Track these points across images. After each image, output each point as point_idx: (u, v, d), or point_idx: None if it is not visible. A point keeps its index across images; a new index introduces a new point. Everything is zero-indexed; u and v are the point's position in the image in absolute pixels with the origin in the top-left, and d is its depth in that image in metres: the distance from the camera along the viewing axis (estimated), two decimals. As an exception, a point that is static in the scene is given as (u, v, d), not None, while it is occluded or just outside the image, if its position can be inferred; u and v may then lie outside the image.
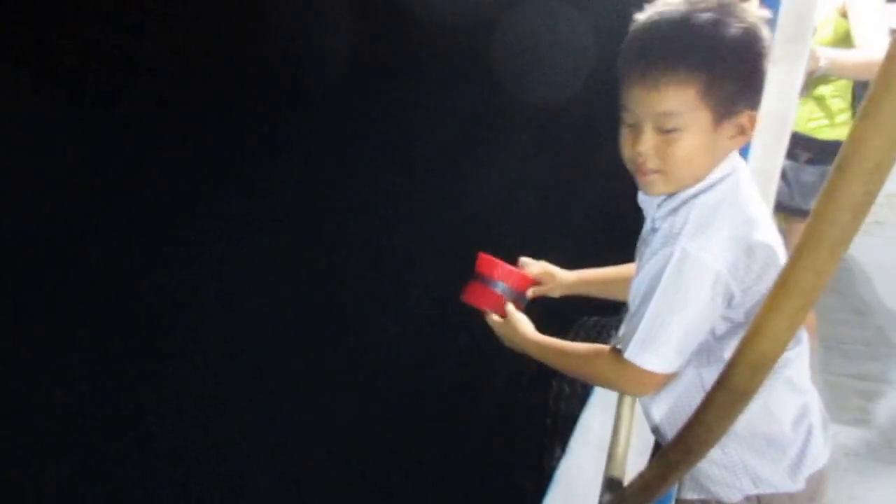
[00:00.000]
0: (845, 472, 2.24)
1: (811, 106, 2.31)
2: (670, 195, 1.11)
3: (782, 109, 1.26)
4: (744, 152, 1.35)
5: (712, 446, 0.80)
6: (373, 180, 4.20)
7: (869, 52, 2.13)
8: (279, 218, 4.15)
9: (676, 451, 0.86)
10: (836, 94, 2.28)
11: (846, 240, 0.54)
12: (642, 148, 1.06)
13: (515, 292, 1.39)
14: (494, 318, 1.36)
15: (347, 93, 4.71)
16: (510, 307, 1.35)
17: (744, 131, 1.06)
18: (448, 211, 3.78)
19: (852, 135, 0.51)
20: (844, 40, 2.19)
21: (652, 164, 1.07)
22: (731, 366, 0.68)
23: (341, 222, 3.98)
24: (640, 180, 1.12)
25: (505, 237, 3.26)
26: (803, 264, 0.56)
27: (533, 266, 1.45)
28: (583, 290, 1.45)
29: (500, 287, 1.38)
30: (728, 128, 1.05)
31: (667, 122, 1.04)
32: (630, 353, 1.09)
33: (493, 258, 1.40)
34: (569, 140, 3.81)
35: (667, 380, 1.13)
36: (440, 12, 4.23)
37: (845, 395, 2.54)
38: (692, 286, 1.03)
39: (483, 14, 4.33)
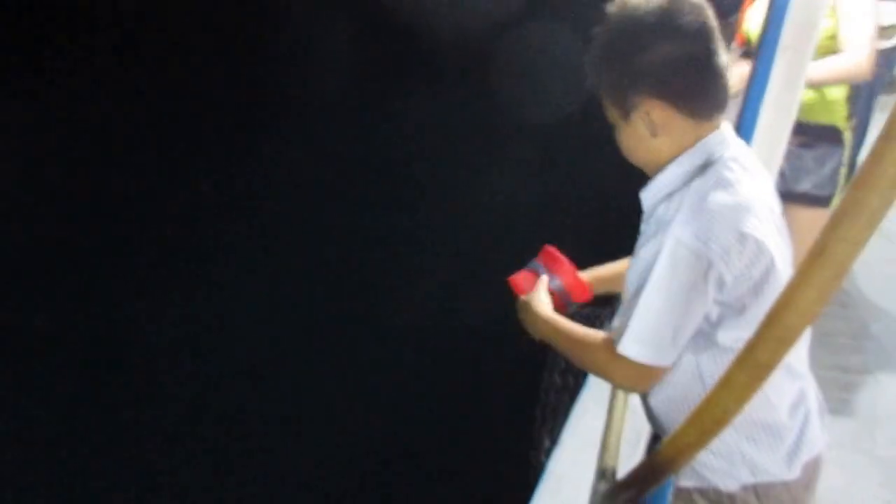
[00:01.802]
0: (828, 463, 2.25)
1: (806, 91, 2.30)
2: (659, 186, 1.13)
3: (787, 97, 1.26)
4: (747, 137, 1.35)
5: (726, 426, 0.79)
6: (378, 188, 4.21)
7: (847, 57, 2.13)
8: (284, 218, 4.14)
9: (689, 433, 0.84)
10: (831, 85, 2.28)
11: (885, 208, 0.53)
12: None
13: (566, 294, 1.37)
14: (522, 298, 1.34)
15: (355, 107, 4.73)
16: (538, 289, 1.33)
17: (658, 125, 1.08)
18: (452, 216, 3.80)
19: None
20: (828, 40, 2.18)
21: None
22: (755, 339, 0.67)
23: (349, 226, 3.99)
24: None
25: (504, 242, 3.28)
26: (839, 233, 0.55)
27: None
28: (598, 288, 1.44)
29: (556, 284, 1.36)
30: (639, 122, 1.09)
31: (608, 119, 1.16)
32: (623, 348, 1.07)
33: (559, 255, 1.38)
34: (566, 154, 3.85)
35: (663, 374, 1.11)
36: (444, 33, 4.26)
37: (828, 387, 2.53)
38: (684, 276, 1.03)
39: (485, 36, 4.37)
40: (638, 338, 1.06)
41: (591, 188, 3.61)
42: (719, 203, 1.04)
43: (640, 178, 1.18)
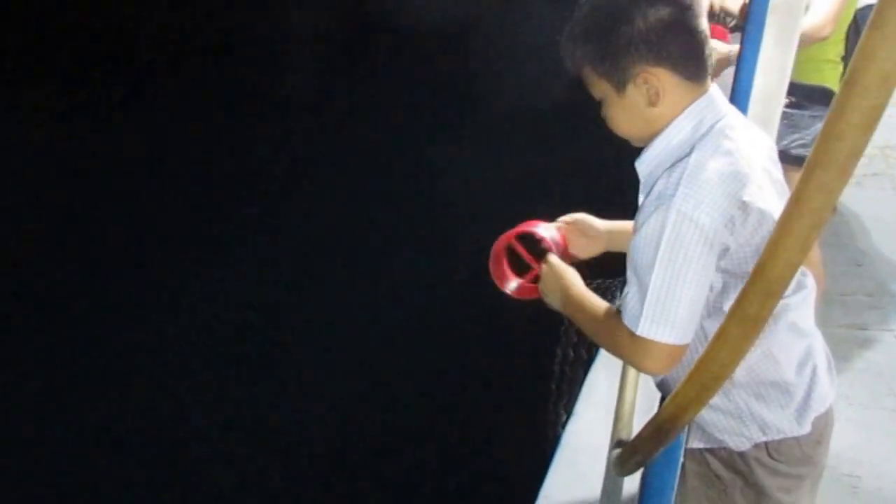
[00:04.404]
0: (849, 421, 2.26)
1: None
2: (654, 155, 1.14)
3: (780, 57, 1.26)
4: (743, 101, 1.35)
5: (725, 381, 0.81)
6: (360, 170, 4.22)
7: (806, 17, 2.05)
8: (269, 211, 4.15)
9: (689, 390, 0.86)
10: (823, 44, 2.24)
11: (856, 156, 0.54)
12: (602, 114, 1.17)
13: (559, 245, 1.34)
14: (553, 260, 1.30)
15: (331, 92, 4.71)
16: (553, 259, 1.30)
17: (658, 93, 1.09)
18: (427, 197, 3.80)
19: (861, 49, 0.51)
20: None
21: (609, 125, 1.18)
22: (744, 294, 0.68)
23: (328, 212, 4.00)
24: None
25: (481, 222, 3.28)
26: (813, 183, 0.56)
27: (568, 219, 1.41)
28: (613, 244, 1.41)
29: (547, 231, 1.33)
30: (635, 92, 1.10)
31: (593, 95, 1.16)
32: (643, 331, 1.06)
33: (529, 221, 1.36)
34: (543, 136, 3.85)
35: (683, 353, 1.09)
36: (424, 14, 4.24)
37: (848, 345, 2.56)
38: (691, 248, 1.03)
39: (466, 17, 4.34)
40: (656, 318, 1.05)
41: (577, 168, 3.59)
42: (719, 172, 1.04)
43: (624, 158, 1.18)
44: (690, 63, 1.09)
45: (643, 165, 1.16)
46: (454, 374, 2.88)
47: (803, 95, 2.25)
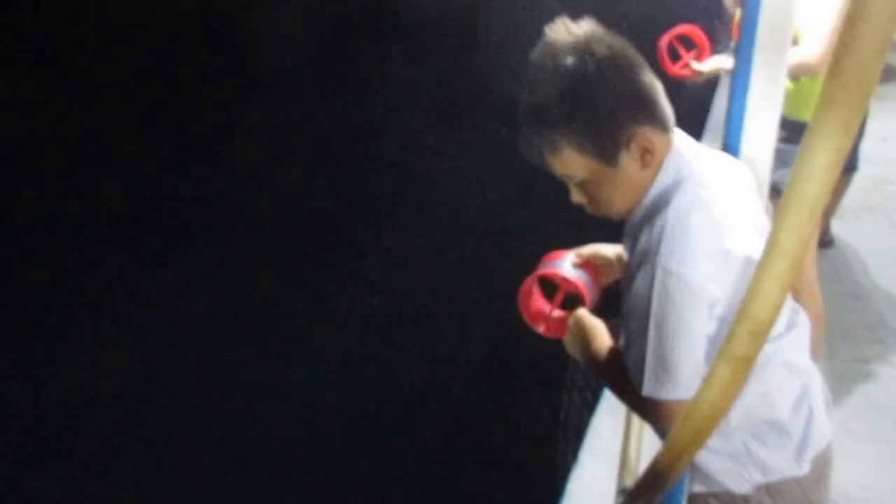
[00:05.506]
0: (855, 458, 2.23)
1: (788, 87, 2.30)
2: (640, 209, 1.12)
3: (770, 94, 1.28)
4: (734, 143, 1.36)
5: (719, 422, 0.81)
6: (345, 163, 4.18)
7: (799, 50, 2.09)
8: (257, 198, 4.10)
9: (684, 435, 0.86)
10: (814, 81, 2.28)
11: (822, 199, 0.56)
12: (575, 200, 1.14)
13: (592, 281, 1.34)
14: (583, 313, 1.30)
15: (321, 76, 4.72)
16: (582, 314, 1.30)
17: (650, 150, 1.07)
18: (417, 194, 3.77)
19: (823, 95, 0.54)
20: None
21: (590, 209, 1.15)
22: (731, 336, 0.69)
23: (326, 210, 3.95)
24: None
25: (475, 222, 3.28)
26: (786, 225, 0.58)
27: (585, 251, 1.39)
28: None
29: (579, 274, 1.32)
30: (627, 159, 1.07)
31: (572, 179, 1.11)
32: (648, 391, 1.07)
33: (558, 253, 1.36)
34: None
35: None
36: (428, 9, 4.27)
37: (850, 380, 2.54)
38: (682, 306, 1.03)
39: (467, 4, 4.37)
40: (659, 378, 1.06)
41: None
42: (700, 225, 1.04)
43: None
44: (661, 112, 1.09)
45: (631, 226, 1.15)
46: (456, 417, 2.84)
47: (795, 131, 2.27)
